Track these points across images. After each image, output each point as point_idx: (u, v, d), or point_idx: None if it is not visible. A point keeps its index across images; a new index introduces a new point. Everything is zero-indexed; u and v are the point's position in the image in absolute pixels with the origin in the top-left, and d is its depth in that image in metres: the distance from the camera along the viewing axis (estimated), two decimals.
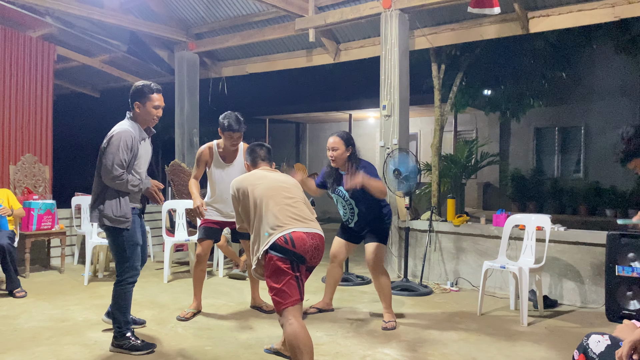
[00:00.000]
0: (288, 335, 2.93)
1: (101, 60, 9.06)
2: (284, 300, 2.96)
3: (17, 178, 6.85)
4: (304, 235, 3.02)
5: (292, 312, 2.96)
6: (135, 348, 3.56)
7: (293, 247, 2.97)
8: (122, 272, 3.61)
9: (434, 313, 4.70)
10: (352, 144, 4.24)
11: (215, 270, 6.21)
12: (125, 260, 3.59)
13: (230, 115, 4.34)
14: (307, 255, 3.03)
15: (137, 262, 3.65)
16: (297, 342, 2.90)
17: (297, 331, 2.91)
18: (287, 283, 2.96)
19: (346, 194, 4.27)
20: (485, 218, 5.82)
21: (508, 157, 14.46)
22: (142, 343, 3.60)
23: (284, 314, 2.96)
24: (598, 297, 4.82)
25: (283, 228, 3.01)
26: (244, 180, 3.29)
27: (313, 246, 3.05)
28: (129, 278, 3.62)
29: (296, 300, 2.98)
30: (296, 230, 3.02)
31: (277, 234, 3.00)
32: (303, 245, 3.00)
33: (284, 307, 2.96)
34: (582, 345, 2.27)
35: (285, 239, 2.98)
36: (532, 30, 6.07)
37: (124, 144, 3.45)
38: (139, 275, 3.78)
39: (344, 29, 7.34)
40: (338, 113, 14.80)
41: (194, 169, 4.57)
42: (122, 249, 3.57)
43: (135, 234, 3.60)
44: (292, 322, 2.93)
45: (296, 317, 2.96)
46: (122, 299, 3.63)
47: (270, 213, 3.07)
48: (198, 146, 8.62)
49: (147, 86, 3.62)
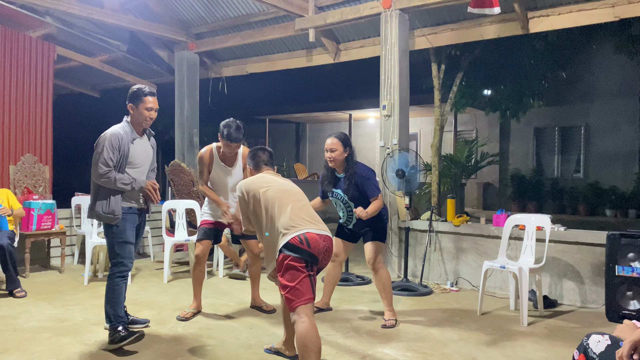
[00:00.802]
0: (299, 332, 2.98)
1: (101, 60, 9.06)
2: (297, 299, 3.01)
3: (17, 178, 6.85)
4: (316, 237, 3.08)
5: (305, 310, 3.01)
6: (124, 338, 3.60)
7: (308, 247, 3.03)
8: (112, 267, 3.78)
9: (434, 313, 4.70)
10: (349, 145, 4.25)
11: (215, 270, 6.21)
12: (113, 255, 3.76)
13: (231, 124, 4.32)
14: (320, 256, 3.09)
15: (127, 259, 3.77)
16: (307, 340, 2.95)
17: (308, 329, 2.97)
18: (301, 281, 3.01)
19: (345, 197, 4.28)
20: (485, 218, 5.82)
21: (508, 157, 14.47)
22: (129, 332, 3.65)
23: (297, 311, 3.01)
24: (598, 297, 4.82)
25: (297, 228, 3.07)
26: (253, 183, 3.32)
27: (325, 247, 3.12)
28: (117, 273, 3.76)
29: (309, 299, 3.04)
30: (310, 231, 3.08)
31: (291, 234, 3.05)
32: (317, 246, 3.06)
33: (297, 305, 3.01)
34: (582, 345, 2.26)
35: (300, 239, 3.03)
36: (532, 30, 6.07)
37: (109, 144, 3.64)
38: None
39: (344, 29, 7.34)
40: (338, 113, 14.80)
41: (200, 175, 4.57)
42: (111, 244, 3.76)
43: (124, 231, 3.73)
44: (305, 320, 2.98)
45: (308, 316, 3.01)
46: (111, 292, 3.74)
47: (284, 214, 3.12)
48: (198, 146, 8.63)
49: (140, 89, 3.79)
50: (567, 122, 13.78)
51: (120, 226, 3.70)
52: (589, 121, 13.40)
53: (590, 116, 13.33)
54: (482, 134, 14.25)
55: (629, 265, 4.41)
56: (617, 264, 4.46)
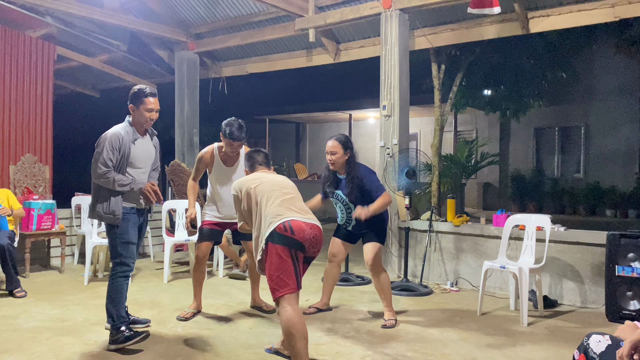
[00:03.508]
0: (283, 321, 3.02)
1: (101, 60, 9.07)
2: (280, 288, 3.04)
3: (17, 178, 6.85)
4: (303, 225, 3.12)
5: (288, 299, 3.04)
6: (129, 338, 3.60)
7: (292, 234, 3.06)
8: (114, 266, 3.77)
9: (434, 313, 4.70)
10: (350, 147, 4.25)
11: (215, 270, 6.21)
12: (116, 255, 3.75)
13: (233, 123, 4.32)
14: (306, 244, 3.12)
15: (129, 259, 3.76)
16: (291, 328, 2.99)
17: (291, 317, 2.99)
18: (285, 271, 3.04)
19: (345, 198, 4.28)
20: (485, 218, 5.82)
21: (508, 157, 14.46)
22: (135, 332, 3.65)
23: (280, 301, 3.04)
24: (598, 297, 4.82)
25: (282, 216, 3.12)
26: (246, 181, 3.43)
27: (312, 235, 3.15)
28: (120, 273, 3.75)
29: (293, 289, 3.06)
30: (295, 219, 3.13)
31: (276, 222, 3.09)
32: (302, 232, 3.09)
33: (280, 295, 3.04)
34: (582, 345, 2.27)
35: (285, 226, 3.07)
36: (532, 30, 6.07)
37: (109, 144, 3.63)
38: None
39: (344, 29, 7.34)
40: (338, 113, 14.80)
41: (194, 171, 4.58)
42: (113, 244, 3.75)
43: (127, 231, 3.73)
44: (287, 309, 3.01)
45: (291, 305, 3.03)
46: (114, 292, 3.73)
47: (271, 206, 3.18)
48: (198, 146, 8.63)
49: (141, 90, 3.78)
50: (567, 122, 13.77)
51: (122, 226, 3.70)
52: (589, 121, 13.39)
53: (590, 116, 13.33)
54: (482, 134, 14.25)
55: (629, 265, 4.41)
56: (617, 264, 4.46)
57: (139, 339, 3.61)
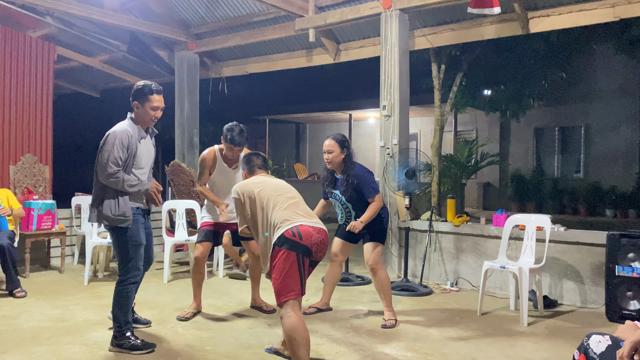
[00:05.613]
0: (286, 327, 3.02)
1: (101, 60, 9.07)
2: (285, 293, 3.04)
3: (17, 178, 6.85)
4: (310, 229, 3.12)
5: (292, 305, 3.05)
6: (135, 347, 3.55)
7: (300, 239, 3.06)
8: (125, 272, 3.60)
9: (434, 313, 4.70)
10: (347, 146, 4.27)
11: (215, 270, 6.21)
12: (127, 260, 3.58)
13: (234, 128, 4.31)
14: (313, 248, 3.12)
15: (140, 262, 3.65)
16: (295, 334, 2.99)
17: (295, 324, 3.00)
18: (290, 276, 3.04)
19: (342, 198, 4.30)
20: (485, 218, 5.81)
21: (508, 157, 14.46)
22: (142, 342, 3.60)
23: (284, 306, 3.05)
24: (598, 297, 4.81)
25: (290, 222, 3.12)
26: (249, 184, 3.40)
27: (319, 240, 3.15)
28: (131, 278, 3.61)
29: (297, 294, 3.06)
30: (303, 224, 3.12)
31: (284, 227, 3.09)
32: (309, 238, 3.09)
33: (284, 300, 3.04)
34: (582, 345, 2.26)
35: (293, 231, 3.07)
36: (532, 30, 6.06)
37: (120, 142, 3.45)
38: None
39: (344, 29, 7.34)
40: (338, 113, 14.80)
41: (199, 176, 4.55)
42: (125, 248, 3.56)
43: (137, 233, 3.59)
44: (291, 315, 3.01)
45: (295, 310, 3.04)
46: (123, 298, 3.62)
47: (278, 210, 3.18)
48: (198, 146, 8.63)
49: (147, 86, 3.60)
50: (567, 122, 13.77)
51: (133, 228, 3.52)
52: (589, 121, 13.38)
53: (590, 116, 13.32)
54: (482, 134, 14.24)
55: (629, 265, 4.41)
56: (617, 264, 4.46)
57: (144, 352, 3.52)
